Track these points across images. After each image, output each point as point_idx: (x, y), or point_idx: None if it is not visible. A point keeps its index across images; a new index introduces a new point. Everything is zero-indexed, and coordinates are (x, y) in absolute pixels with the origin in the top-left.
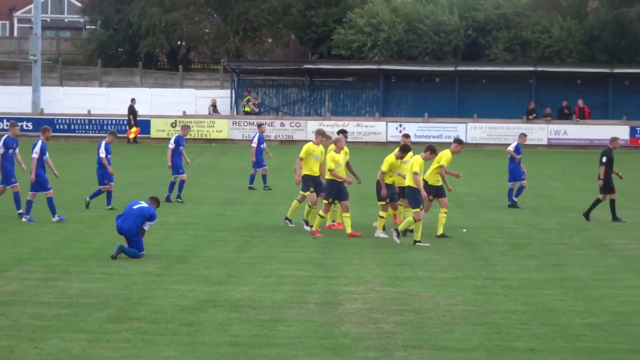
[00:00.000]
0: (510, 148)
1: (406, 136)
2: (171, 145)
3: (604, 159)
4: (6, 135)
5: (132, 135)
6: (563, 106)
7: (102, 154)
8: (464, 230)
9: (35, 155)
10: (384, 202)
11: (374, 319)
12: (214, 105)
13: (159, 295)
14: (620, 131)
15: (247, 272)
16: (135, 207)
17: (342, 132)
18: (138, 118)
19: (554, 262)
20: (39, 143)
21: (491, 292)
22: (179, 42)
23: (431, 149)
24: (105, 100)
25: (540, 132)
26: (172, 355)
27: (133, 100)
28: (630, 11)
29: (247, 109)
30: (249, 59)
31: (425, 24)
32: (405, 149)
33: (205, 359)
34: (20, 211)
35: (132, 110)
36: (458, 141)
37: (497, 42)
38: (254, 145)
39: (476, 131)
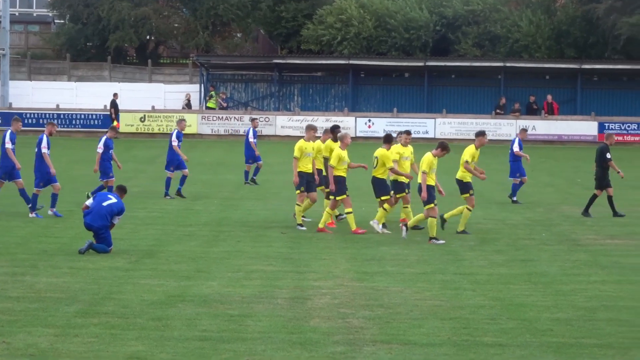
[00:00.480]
0: (516, 149)
1: (407, 132)
2: (174, 141)
3: (608, 155)
4: (10, 131)
5: None
6: (531, 102)
7: (100, 150)
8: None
9: (44, 151)
10: (387, 197)
11: (343, 313)
12: (188, 100)
13: (127, 290)
14: (588, 127)
15: (215, 267)
16: (104, 204)
17: (337, 127)
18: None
19: (522, 257)
20: (45, 138)
21: (459, 287)
22: (148, 37)
23: (442, 146)
24: (74, 94)
25: (508, 128)
26: (141, 349)
27: (115, 95)
28: (598, 7)
29: (210, 104)
30: (218, 54)
31: (395, 20)
32: (387, 139)
33: (173, 354)
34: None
35: (114, 105)
36: (481, 133)
37: (466, 38)
38: (252, 139)
39: (445, 126)
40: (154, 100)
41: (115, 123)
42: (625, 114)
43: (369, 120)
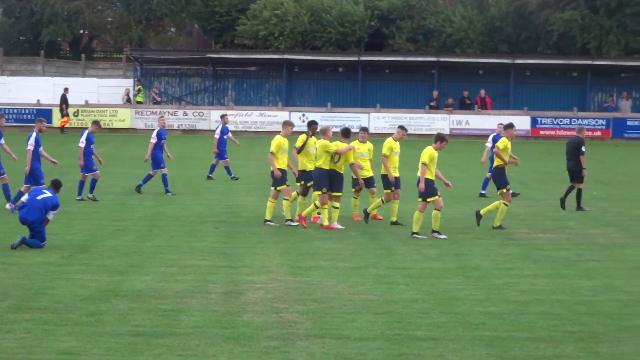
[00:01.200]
0: (488, 145)
1: (402, 128)
2: (153, 139)
3: (583, 149)
4: None
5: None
6: (464, 96)
7: (82, 144)
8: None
9: (30, 148)
10: (340, 193)
11: (276, 308)
12: (128, 95)
13: (60, 285)
14: (521, 121)
15: (149, 262)
16: (39, 197)
17: (314, 122)
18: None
19: (455, 251)
20: (34, 135)
21: (393, 282)
22: (81, 31)
23: (440, 138)
24: (6, 89)
25: (442, 122)
26: (74, 345)
27: (66, 89)
28: (530, 2)
29: (139, 98)
30: (151, 48)
31: (330, 15)
32: (346, 133)
33: (106, 349)
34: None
35: (64, 100)
36: (510, 125)
37: (400, 32)
38: (217, 136)
39: (379, 121)
40: (87, 95)
41: (65, 118)
42: (557, 108)
43: (303, 115)
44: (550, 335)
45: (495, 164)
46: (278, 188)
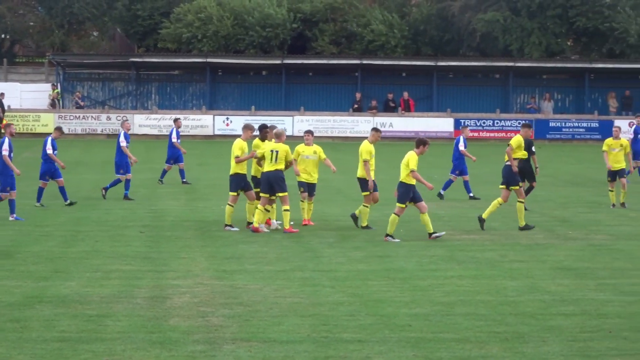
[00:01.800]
0: (462, 147)
1: (377, 130)
2: (123, 142)
3: (534, 149)
4: None
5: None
6: (388, 99)
7: (49, 150)
8: (291, 222)
9: (4, 153)
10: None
11: (203, 312)
12: (53, 99)
13: None
14: (444, 123)
15: (74, 267)
16: None
17: (266, 126)
18: None
19: (380, 253)
20: (6, 140)
21: (319, 284)
22: (2, 35)
23: (422, 143)
24: None
25: (366, 125)
26: None
27: (2, 94)
28: (453, 5)
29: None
30: (74, 52)
31: (252, 17)
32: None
33: (32, 355)
34: None
35: (0, 104)
36: (528, 125)
37: (324, 35)
38: (174, 139)
39: (303, 124)
40: (10, 100)
41: (4, 121)
42: (480, 110)
43: (227, 119)
44: (476, 336)
45: (506, 160)
46: (230, 193)
